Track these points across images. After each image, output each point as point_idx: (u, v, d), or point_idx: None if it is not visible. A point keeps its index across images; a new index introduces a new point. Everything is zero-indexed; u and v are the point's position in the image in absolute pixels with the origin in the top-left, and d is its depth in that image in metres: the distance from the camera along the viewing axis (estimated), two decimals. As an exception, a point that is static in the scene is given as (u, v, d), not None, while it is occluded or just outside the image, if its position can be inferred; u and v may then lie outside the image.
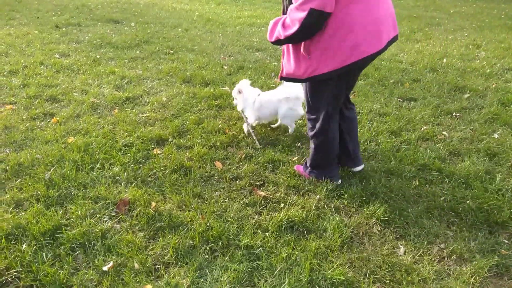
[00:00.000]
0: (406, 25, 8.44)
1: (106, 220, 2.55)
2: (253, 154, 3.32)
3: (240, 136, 3.60)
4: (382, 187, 2.88)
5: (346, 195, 2.81)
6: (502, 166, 3.21)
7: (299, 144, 3.52)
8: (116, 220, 2.56)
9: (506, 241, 2.44)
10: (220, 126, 3.76)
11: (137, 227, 2.49)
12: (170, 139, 3.53)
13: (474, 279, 2.16)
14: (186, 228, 2.46)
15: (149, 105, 4.22)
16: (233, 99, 3.85)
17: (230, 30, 7.94)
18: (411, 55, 6.14)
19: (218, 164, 3.13)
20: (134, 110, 4.08)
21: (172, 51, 6.27)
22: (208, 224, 2.47)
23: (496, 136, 3.69)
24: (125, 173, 3.00)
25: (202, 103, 4.28)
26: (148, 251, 2.30)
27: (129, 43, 6.64)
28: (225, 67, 5.51)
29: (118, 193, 2.79)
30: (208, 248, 2.32)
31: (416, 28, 8.13)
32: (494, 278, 2.19)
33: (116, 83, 4.82)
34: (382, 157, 3.32)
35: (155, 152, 3.29)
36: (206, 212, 2.60)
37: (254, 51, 6.45)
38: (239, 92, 3.67)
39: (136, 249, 2.30)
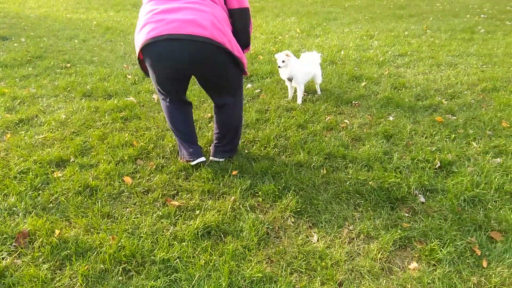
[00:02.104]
0: (306, 21, 8.85)
1: (5, 257, 2.30)
2: (165, 164, 3.23)
3: (149, 147, 3.48)
4: (293, 180, 2.98)
5: (260, 192, 2.85)
6: (398, 146, 3.49)
7: (210, 147, 3.49)
8: (16, 254, 2.32)
9: (407, 215, 2.65)
10: (127, 139, 3.60)
11: (40, 259, 2.28)
12: (71, 159, 3.29)
13: (381, 254, 2.32)
14: (95, 252, 2.31)
15: (45, 125, 3.90)
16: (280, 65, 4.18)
17: (132, 38, 7.65)
18: (312, 50, 6.44)
19: (127, 179, 2.99)
20: (29, 133, 3.74)
21: (69, 65, 5.87)
22: (119, 244, 2.35)
23: (391, 118, 4.01)
24: (22, 203, 2.73)
25: (106, 117, 4.06)
26: (55, 283, 2.12)
27: (20, 60, 6.08)
28: (129, 77, 5.30)
29: (15, 225, 2.54)
30: (121, 269, 2.20)
31: (315, 24, 8.56)
32: (399, 251, 2.37)
33: (7, 105, 4.39)
34: (292, 150, 3.43)
35: (55, 175, 3.05)
36: (117, 231, 2.47)
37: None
38: (287, 55, 4.15)
39: (40, 283, 2.10)
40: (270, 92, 4.68)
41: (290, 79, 4.32)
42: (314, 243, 2.42)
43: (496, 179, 2.92)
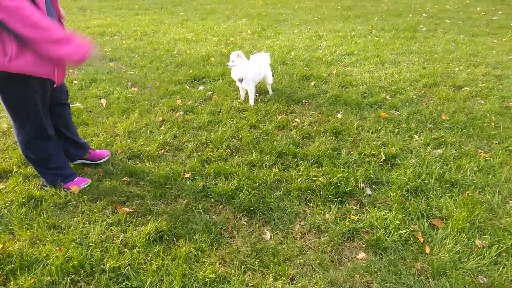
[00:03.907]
0: (257, 23, 8.94)
1: None
2: (114, 170, 3.15)
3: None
4: (246, 180, 3.00)
5: (213, 193, 2.86)
6: (346, 142, 3.62)
7: (162, 151, 3.45)
8: (-48, 275, 2.18)
9: (355, 207, 2.76)
10: (74, 146, 3.48)
11: (-19, 277, 2.16)
12: (14, 170, 3.13)
13: (331, 247, 2.39)
14: (41, 265, 2.21)
15: (-16, 135, 3.69)
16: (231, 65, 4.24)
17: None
18: (262, 51, 6.52)
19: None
20: (-35, 144, 3.52)
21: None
22: (67, 255, 2.27)
23: (339, 115, 4.14)
24: (-41, 219, 2.57)
25: (51, 124, 3.90)
26: (-3, 302, 2.02)
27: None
28: (75, 82, 5.12)
29: (-48, 243, 2.39)
30: (69, 280, 2.13)
31: (266, 25, 8.66)
32: (348, 242, 2.46)
33: None
34: (244, 151, 3.46)
35: (-4, 188, 2.90)
36: (64, 242, 2.38)
37: (107, 61, 6.12)
38: (238, 56, 4.17)
39: (-19, 303, 1.99)
40: (222, 94, 4.69)
41: (240, 80, 4.35)
42: (267, 240, 2.45)
43: (436, 169, 3.09)
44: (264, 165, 3.23)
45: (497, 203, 2.72)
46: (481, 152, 3.37)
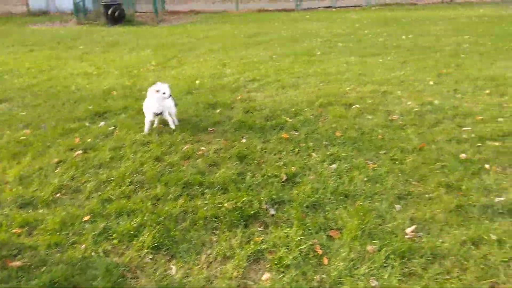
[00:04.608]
0: (161, 53, 8.94)
1: None
2: (2, 222, 2.89)
3: (-17, 206, 3.08)
4: (150, 215, 2.94)
5: (114, 234, 2.75)
6: (250, 165, 3.73)
7: (58, 195, 3.25)
8: None
9: (259, 229, 2.84)
10: (-47, 200, 3.13)
11: None
12: None
13: (236, 272, 2.43)
14: None
15: None
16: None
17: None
18: (168, 82, 6.50)
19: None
20: None
21: None
22: None
23: (244, 140, 4.27)
24: None
25: None
26: None
27: None
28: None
29: None
30: None
31: (170, 56, 8.70)
32: (253, 265, 2.52)
33: None
34: (149, 185, 3.40)
35: None
36: None
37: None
38: (158, 91, 4.23)
39: None
40: (125, 128, 4.58)
41: (158, 114, 4.34)
42: (172, 275, 2.42)
43: (331, 184, 3.33)
44: (169, 197, 3.20)
45: (384, 209, 3.00)
46: (370, 163, 3.70)
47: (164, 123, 4.74)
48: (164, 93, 4.27)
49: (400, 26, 12.25)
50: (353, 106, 5.22)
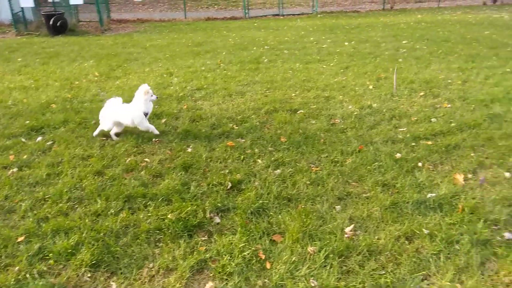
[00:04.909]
0: (105, 64, 8.68)
1: None
2: None
3: None
4: (89, 232, 2.85)
5: (51, 254, 2.63)
6: (195, 175, 3.72)
7: (-10, 217, 3.07)
8: None
9: (204, 238, 2.83)
10: None
11: None
12: None
13: (179, 284, 2.41)
14: None
15: None
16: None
17: None
18: (112, 93, 6.35)
19: None
20: None
21: None
22: None
23: (189, 150, 4.25)
24: None
25: None
26: None
27: None
28: None
29: None
30: None
31: (115, 66, 8.48)
32: (196, 275, 2.51)
33: None
34: (88, 200, 3.29)
35: None
36: None
37: None
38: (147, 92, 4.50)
39: None
40: (64, 143, 4.40)
41: (146, 114, 4.56)
42: (112, 292, 2.35)
43: (275, 188, 3.39)
44: (110, 212, 3.11)
45: (325, 210, 3.10)
46: (312, 167, 3.81)
47: (106, 135, 4.61)
48: (152, 95, 4.60)
49: (344, 33, 12.73)
50: (298, 112, 5.35)
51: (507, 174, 3.55)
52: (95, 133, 4.60)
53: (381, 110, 5.28)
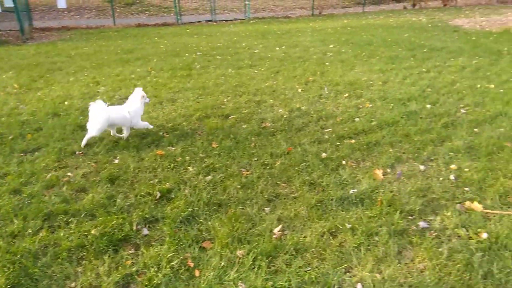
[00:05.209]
0: (26, 74, 8.13)
1: None
2: None
3: None
4: (4, 254, 2.64)
5: (-43, 284, 2.40)
6: (123, 187, 3.60)
7: None
8: None
9: (131, 251, 2.75)
10: None
11: None
12: None
13: (103, 301, 2.31)
14: None
15: None
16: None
17: None
18: (32, 105, 5.97)
19: None
20: None
21: None
22: None
23: (116, 161, 4.10)
24: None
25: None
26: None
27: None
28: None
29: None
30: None
31: (37, 76, 7.97)
32: (123, 290, 2.42)
33: None
34: (4, 222, 3.05)
35: None
36: None
37: None
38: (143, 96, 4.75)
39: None
40: (-25, 161, 4.05)
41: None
42: (28, 318, 2.20)
43: (206, 195, 3.38)
44: (28, 232, 2.91)
45: (255, 213, 3.14)
46: (243, 171, 3.85)
47: (26, 151, 4.32)
48: (146, 98, 4.83)
49: (275, 38, 13.05)
50: (230, 117, 5.38)
51: (421, 167, 3.84)
52: (83, 143, 4.47)
53: (309, 112, 5.47)
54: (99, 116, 4.40)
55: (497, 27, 13.99)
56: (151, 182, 3.65)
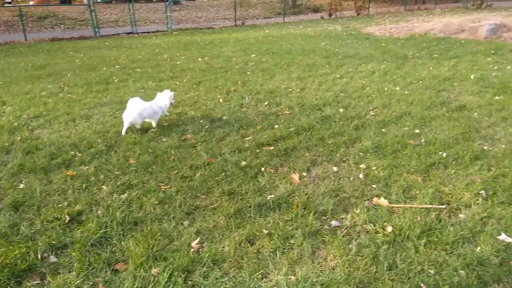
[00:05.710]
0: None
1: None
2: None
3: None
4: None
5: None
6: (28, 213, 3.32)
7: None
8: None
9: (36, 282, 2.54)
10: None
11: None
12: None
13: None
14: None
15: None
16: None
17: None
18: None
19: None
20: None
21: None
22: None
23: (21, 186, 3.79)
24: None
25: None
26: None
27: None
28: None
29: None
30: None
31: None
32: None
33: None
34: None
35: None
36: None
37: None
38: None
39: None
40: None
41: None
42: None
43: (120, 214, 3.23)
44: None
45: (172, 228, 3.07)
46: (162, 185, 3.76)
47: None
48: (173, 100, 5.61)
49: (198, 49, 13.01)
50: (149, 131, 5.23)
51: (334, 168, 4.03)
52: (123, 132, 5.15)
53: (230, 122, 5.51)
54: (135, 108, 5.08)
55: (404, 33, 15.24)
56: (60, 205, 3.42)
